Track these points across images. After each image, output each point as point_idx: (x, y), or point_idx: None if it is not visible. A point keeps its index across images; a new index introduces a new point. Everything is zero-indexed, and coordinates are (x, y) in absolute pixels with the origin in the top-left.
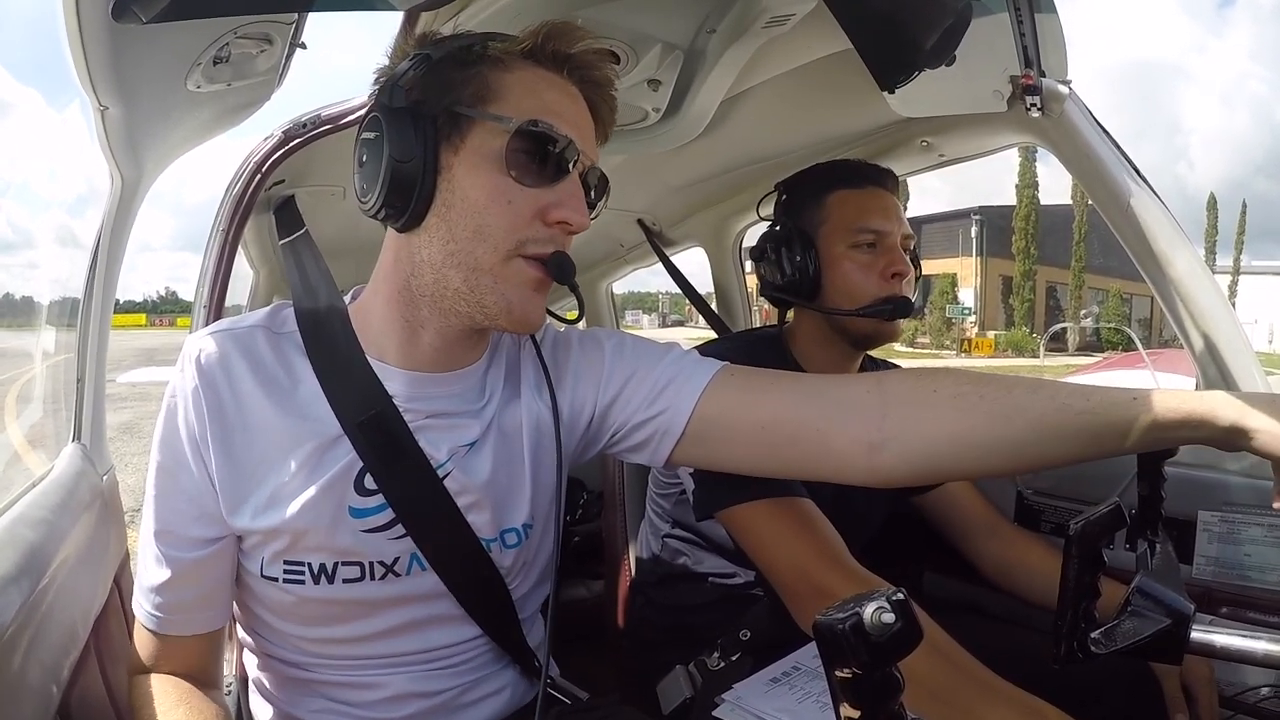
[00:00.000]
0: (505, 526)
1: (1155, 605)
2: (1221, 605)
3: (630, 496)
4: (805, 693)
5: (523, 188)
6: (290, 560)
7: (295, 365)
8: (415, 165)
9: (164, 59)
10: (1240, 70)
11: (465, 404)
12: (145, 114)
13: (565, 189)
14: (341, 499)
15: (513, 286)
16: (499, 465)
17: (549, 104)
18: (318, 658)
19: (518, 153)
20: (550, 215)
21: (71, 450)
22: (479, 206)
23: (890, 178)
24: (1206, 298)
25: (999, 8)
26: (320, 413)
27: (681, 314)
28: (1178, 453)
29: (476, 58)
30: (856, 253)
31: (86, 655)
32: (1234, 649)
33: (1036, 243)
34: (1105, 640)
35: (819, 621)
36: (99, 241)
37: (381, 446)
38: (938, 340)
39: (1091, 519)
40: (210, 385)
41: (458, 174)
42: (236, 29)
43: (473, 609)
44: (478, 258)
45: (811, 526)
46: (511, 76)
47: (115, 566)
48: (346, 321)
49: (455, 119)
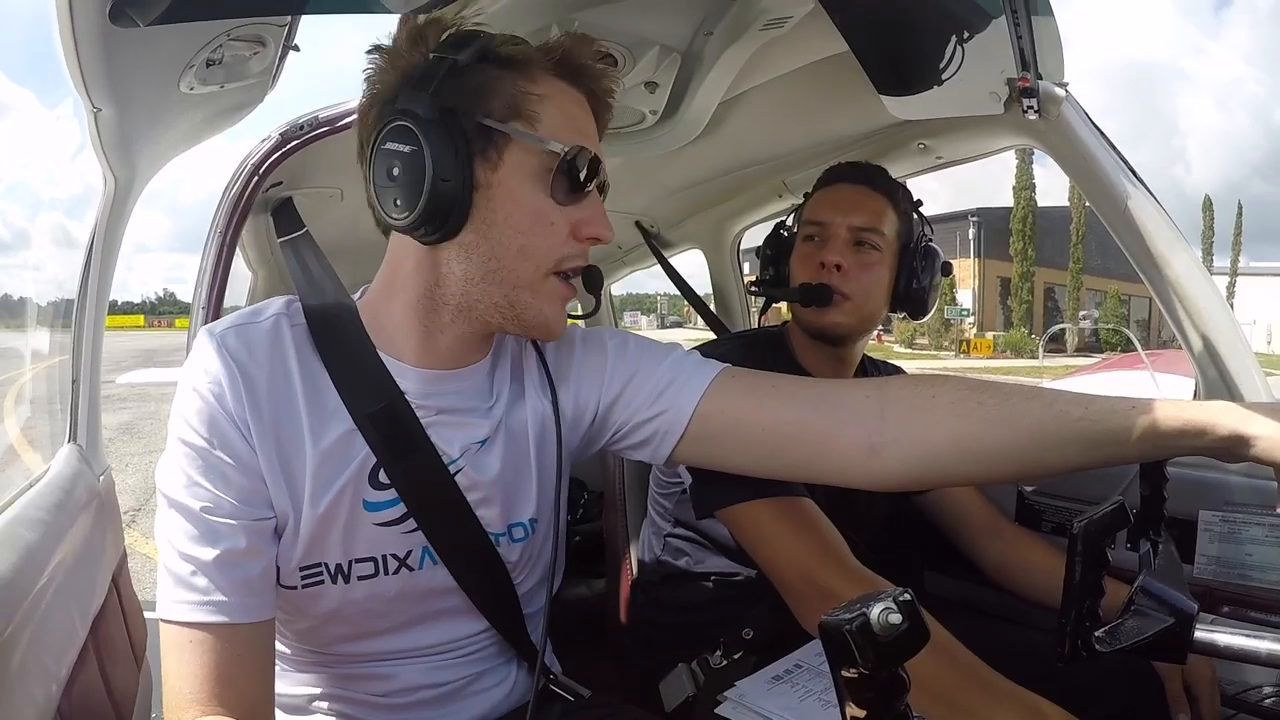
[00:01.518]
0: (513, 520)
1: (1159, 604)
2: (1223, 605)
3: (631, 496)
4: (807, 691)
5: (561, 208)
6: (307, 564)
7: (309, 359)
8: (456, 183)
9: (157, 61)
10: (1237, 72)
11: (475, 401)
12: (138, 116)
13: (591, 205)
14: (357, 493)
15: (548, 302)
16: (507, 462)
17: (577, 124)
18: (330, 654)
19: (560, 176)
20: (582, 232)
21: (68, 451)
22: (522, 227)
23: (856, 170)
24: (1204, 299)
25: (996, 10)
26: (333, 406)
27: (680, 315)
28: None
29: (505, 63)
30: (804, 245)
31: (85, 654)
32: (1237, 648)
33: (1034, 244)
34: (1109, 639)
35: (825, 621)
36: (93, 243)
37: (392, 439)
38: (936, 341)
39: (1095, 517)
40: (246, 375)
41: (498, 193)
42: (230, 31)
43: (481, 603)
44: (520, 275)
45: (813, 526)
46: (541, 91)
47: (113, 567)
48: (356, 317)
49: (488, 133)
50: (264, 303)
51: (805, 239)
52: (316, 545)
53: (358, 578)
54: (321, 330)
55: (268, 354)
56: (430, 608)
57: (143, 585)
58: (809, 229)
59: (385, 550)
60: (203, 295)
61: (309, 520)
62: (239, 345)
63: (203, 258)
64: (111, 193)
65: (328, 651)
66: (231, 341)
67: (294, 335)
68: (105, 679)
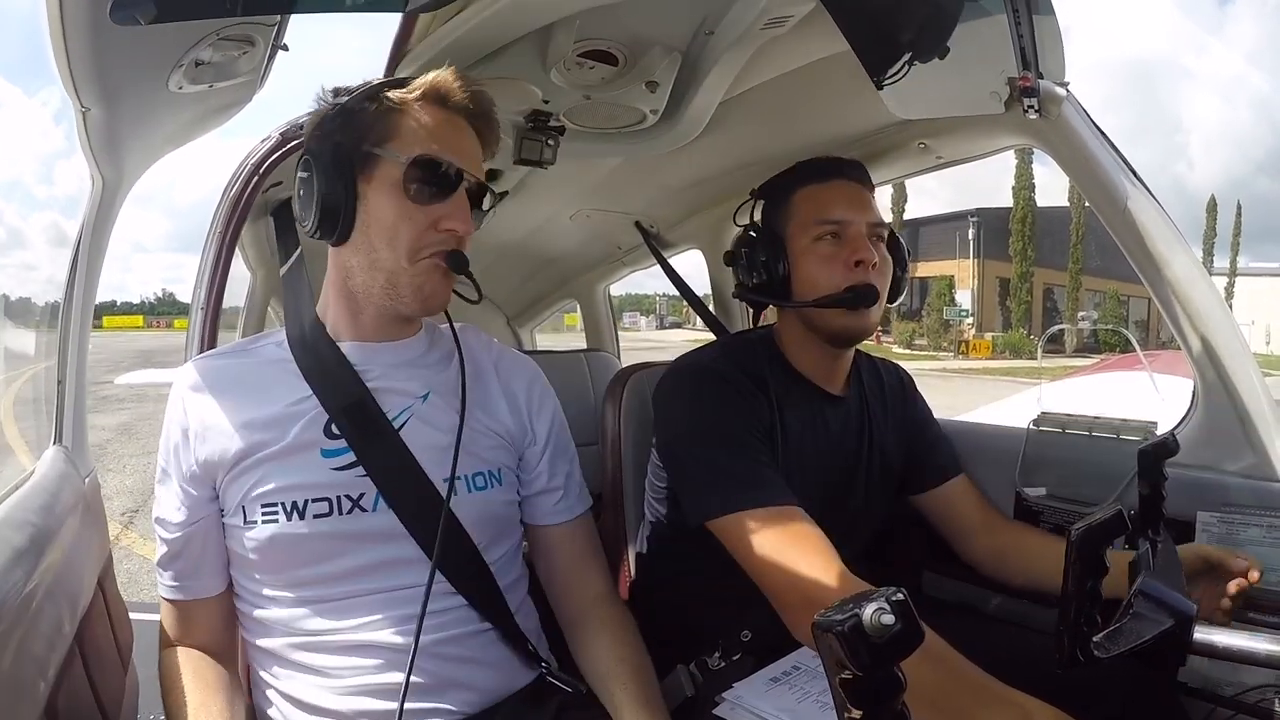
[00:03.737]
0: (457, 475)
1: (1157, 607)
2: None
3: (629, 497)
4: (805, 692)
5: (419, 206)
6: (267, 503)
7: (286, 363)
8: (339, 196)
9: (146, 60)
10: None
11: (408, 366)
12: (126, 115)
13: (454, 203)
14: (314, 443)
15: (424, 277)
16: (443, 420)
17: (436, 137)
18: (298, 606)
19: (412, 181)
20: (440, 225)
21: (54, 453)
22: (388, 224)
23: (856, 168)
24: (1203, 299)
25: (997, 9)
26: (294, 377)
27: (679, 316)
28: (1178, 452)
29: (382, 104)
30: (820, 245)
31: (72, 655)
32: (1236, 649)
33: (1034, 245)
34: (1108, 643)
35: (818, 622)
36: (79, 243)
37: (338, 396)
38: (935, 342)
39: (1093, 523)
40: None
41: (371, 201)
42: (219, 30)
43: (438, 559)
44: (391, 261)
45: (801, 534)
46: (407, 118)
47: (99, 569)
48: (315, 317)
49: (367, 156)
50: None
51: (819, 239)
52: (277, 490)
53: (313, 515)
54: (295, 335)
55: (228, 357)
56: (384, 554)
57: (140, 586)
58: (824, 228)
59: (339, 491)
60: (202, 295)
61: (272, 468)
62: (195, 367)
63: (202, 258)
64: (99, 193)
65: (292, 605)
66: (191, 369)
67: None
68: (92, 682)
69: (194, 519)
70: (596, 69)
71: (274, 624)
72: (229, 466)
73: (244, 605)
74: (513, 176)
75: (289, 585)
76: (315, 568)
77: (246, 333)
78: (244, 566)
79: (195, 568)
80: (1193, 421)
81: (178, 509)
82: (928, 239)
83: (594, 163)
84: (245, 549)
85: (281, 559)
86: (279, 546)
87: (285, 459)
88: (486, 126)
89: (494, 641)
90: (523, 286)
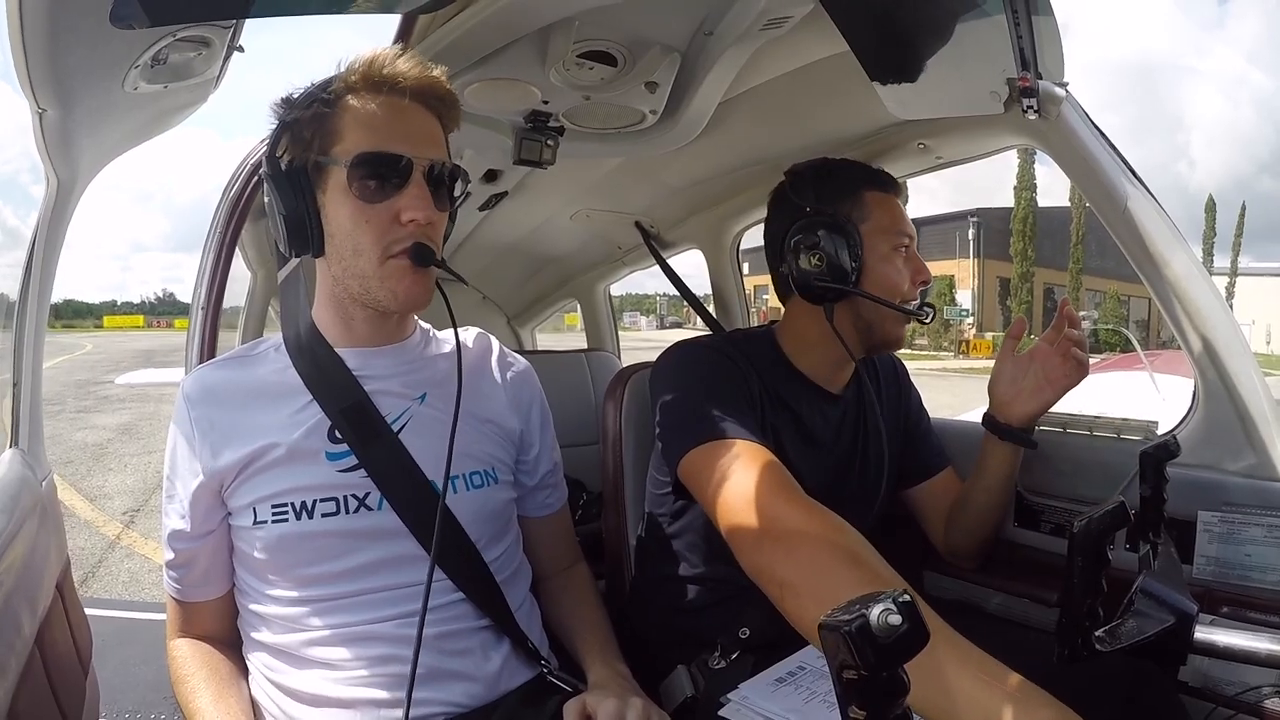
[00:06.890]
0: (454, 474)
1: (1159, 605)
2: (1222, 605)
3: (630, 497)
4: (811, 692)
5: (374, 205)
6: (277, 504)
7: (286, 370)
8: (301, 214)
9: (102, 61)
10: (1243, 65)
11: (404, 369)
12: (82, 116)
13: (409, 193)
14: (319, 448)
15: (395, 279)
16: (439, 421)
17: (375, 129)
18: (303, 604)
19: (356, 181)
20: (401, 218)
21: (10, 456)
22: (348, 230)
23: (904, 188)
24: (1204, 299)
25: (996, 9)
26: (294, 384)
27: (679, 316)
28: (1179, 453)
29: (320, 107)
30: (897, 255)
31: (32, 659)
32: (1237, 648)
33: (1034, 245)
34: (1109, 638)
35: (825, 622)
36: (34, 244)
37: (337, 401)
38: (936, 342)
39: (1095, 516)
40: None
41: (329, 211)
42: (175, 32)
43: (438, 556)
44: (361, 267)
45: (760, 461)
46: (344, 117)
47: (58, 573)
48: (312, 323)
49: (316, 167)
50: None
51: (898, 250)
52: (285, 491)
53: (321, 515)
54: (294, 345)
55: (231, 365)
56: (388, 552)
57: (141, 586)
58: (900, 239)
59: (345, 491)
60: (202, 295)
61: (278, 472)
62: (197, 378)
63: (202, 258)
64: (54, 193)
65: (298, 604)
66: (192, 379)
67: (274, 359)
68: (53, 685)
69: (203, 532)
70: (596, 69)
71: (277, 619)
72: (235, 475)
73: (247, 601)
74: (513, 176)
75: (296, 583)
76: (322, 565)
77: (247, 333)
78: (250, 565)
79: (204, 577)
80: (1193, 421)
81: (186, 524)
82: (927, 239)
83: (594, 163)
84: (253, 548)
85: (290, 557)
86: (288, 545)
87: (291, 465)
88: (438, 99)
89: (494, 638)
90: (523, 286)
